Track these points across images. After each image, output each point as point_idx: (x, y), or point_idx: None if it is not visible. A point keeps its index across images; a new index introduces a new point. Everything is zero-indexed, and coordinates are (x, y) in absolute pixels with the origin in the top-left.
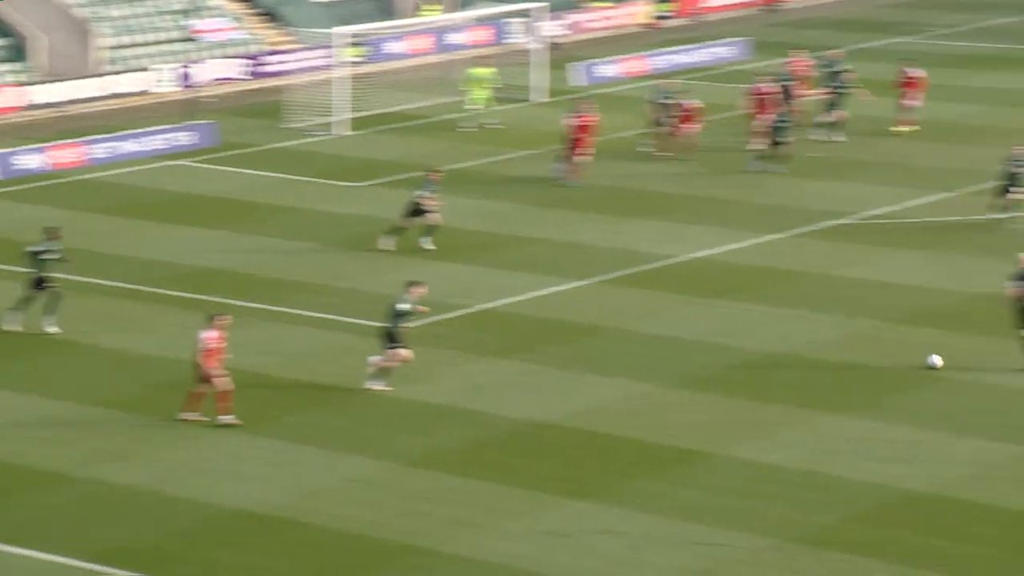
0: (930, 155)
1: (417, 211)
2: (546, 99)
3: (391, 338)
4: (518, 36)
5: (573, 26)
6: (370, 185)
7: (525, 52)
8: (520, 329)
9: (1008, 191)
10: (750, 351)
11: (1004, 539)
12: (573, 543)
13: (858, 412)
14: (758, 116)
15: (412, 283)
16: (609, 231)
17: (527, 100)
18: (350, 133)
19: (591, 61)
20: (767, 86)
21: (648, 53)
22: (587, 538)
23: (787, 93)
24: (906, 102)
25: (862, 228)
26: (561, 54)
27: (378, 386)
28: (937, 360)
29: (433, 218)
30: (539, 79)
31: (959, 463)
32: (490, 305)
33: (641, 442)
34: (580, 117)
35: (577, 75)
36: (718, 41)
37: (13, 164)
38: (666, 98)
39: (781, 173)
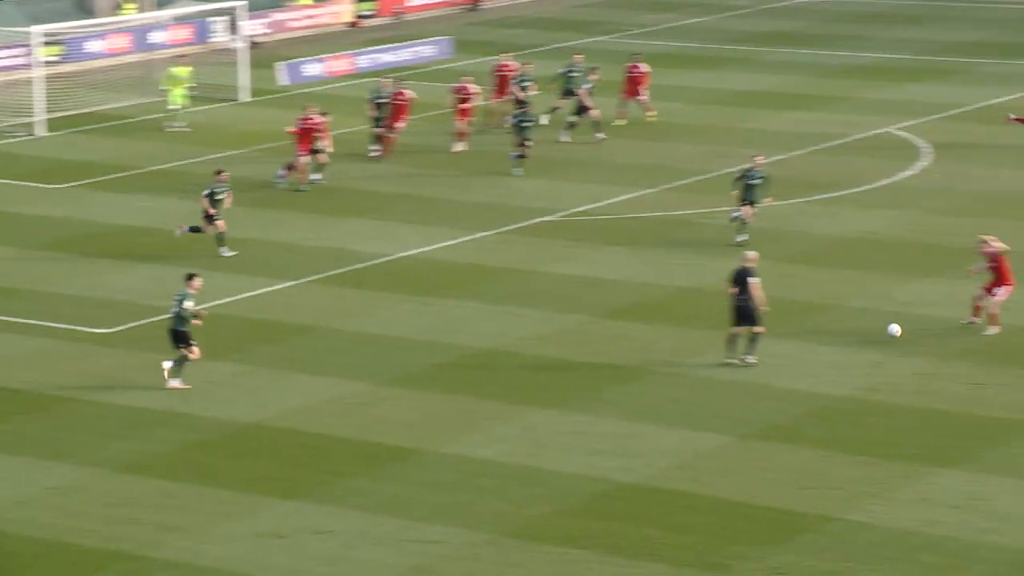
0: (629, 152)
1: (209, 216)
2: (249, 99)
3: (179, 336)
4: (220, 35)
5: (275, 25)
6: (72, 187)
7: (226, 51)
8: (231, 330)
9: (744, 203)
10: (463, 348)
11: (709, 526)
12: (288, 543)
13: (570, 406)
14: (461, 117)
15: (190, 275)
16: (319, 231)
17: (234, 100)
18: (49, 134)
19: (297, 60)
20: (472, 87)
21: (353, 52)
22: (302, 538)
23: (523, 91)
24: (640, 97)
25: (567, 225)
26: (262, 53)
27: (177, 384)
28: (896, 329)
29: (221, 224)
30: (242, 78)
31: (668, 454)
32: (200, 307)
33: (354, 440)
34: (304, 120)
35: (282, 75)
36: (421, 40)
37: None
38: (379, 98)
39: (518, 176)
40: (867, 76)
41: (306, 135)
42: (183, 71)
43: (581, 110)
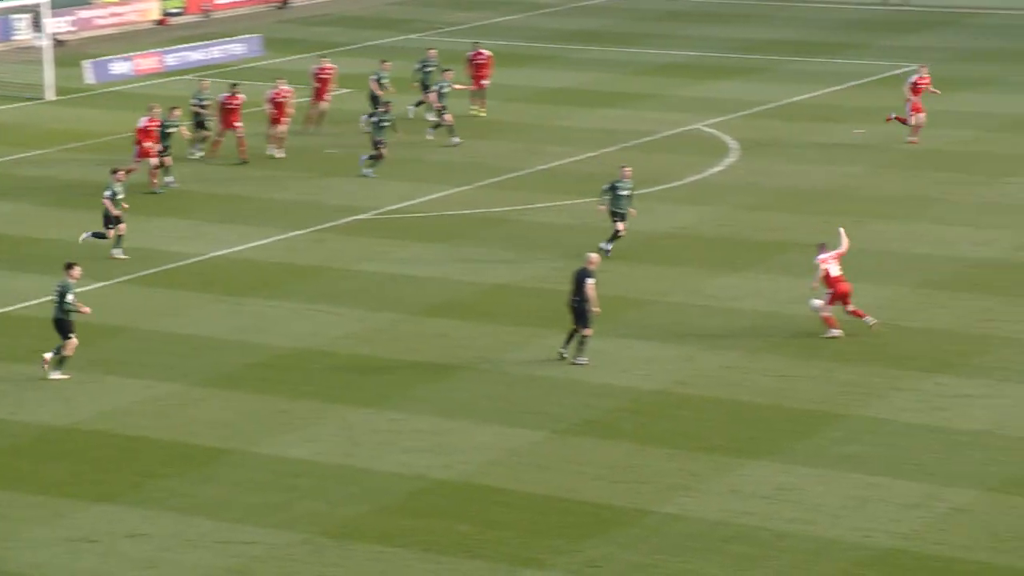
0: (443, 150)
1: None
2: (54, 97)
3: (63, 326)
4: (23, 32)
5: (80, 23)
6: None
7: (30, 49)
8: (40, 332)
9: (614, 217)
10: (276, 348)
11: (524, 521)
12: (99, 547)
13: (385, 404)
14: (277, 119)
15: (69, 264)
16: (130, 231)
17: (39, 98)
18: None
19: (103, 58)
20: (286, 88)
21: (161, 50)
22: (114, 541)
23: (375, 98)
24: (484, 83)
25: (381, 223)
26: (68, 51)
27: (58, 376)
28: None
29: (122, 228)
30: (47, 77)
31: (483, 450)
32: (2, 310)
33: (168, 442)
34: (151, 121)
35: (89, 73)
36: (230, 38)
37: None
38: (202, 101)
39: (371, 177)
40: (675, 74)
41: (145, 137)
42: None
43: (439, 112)
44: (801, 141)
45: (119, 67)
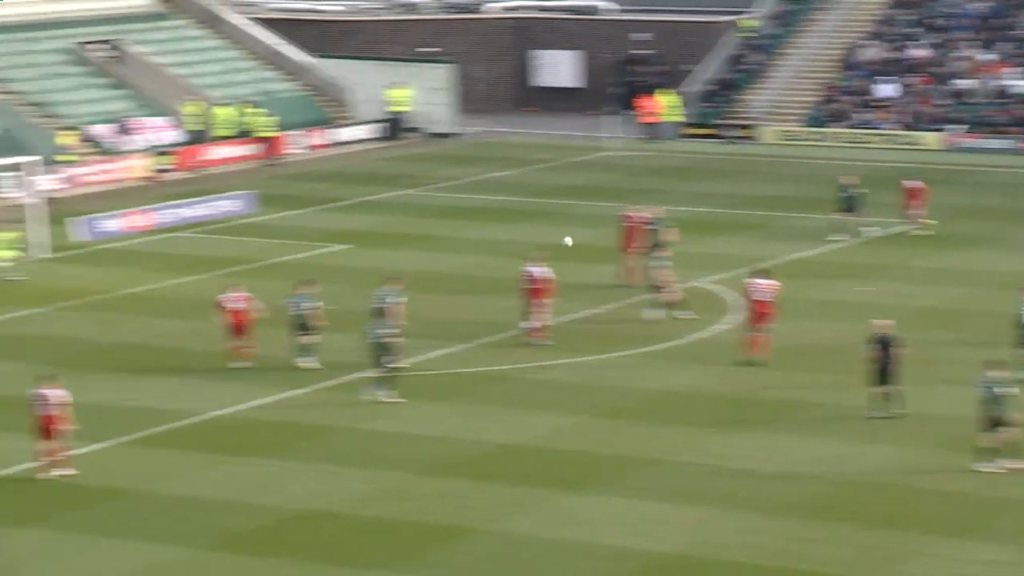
0: (438, 306)
1: None
2: (49, 255)
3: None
4: (12, 191)
5: (70, 180)
6: None
7: (21, 207)
8: (36, 496)
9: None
10: (281, 509)
11: None
12: None
13: (392, 567)
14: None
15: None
16: (125, 390)
17: (32, 256)
18: None
19: (92, 216)
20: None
21: (152, 207)
22: None
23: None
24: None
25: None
26: (59, 208)
27: None
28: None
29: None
30: (38, 235)
31: None
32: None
33: None
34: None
35: (79, 230)
36: (223, 194)
37: None
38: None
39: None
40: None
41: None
42: None
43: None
44: (803, 297)
45: (109, 224)
